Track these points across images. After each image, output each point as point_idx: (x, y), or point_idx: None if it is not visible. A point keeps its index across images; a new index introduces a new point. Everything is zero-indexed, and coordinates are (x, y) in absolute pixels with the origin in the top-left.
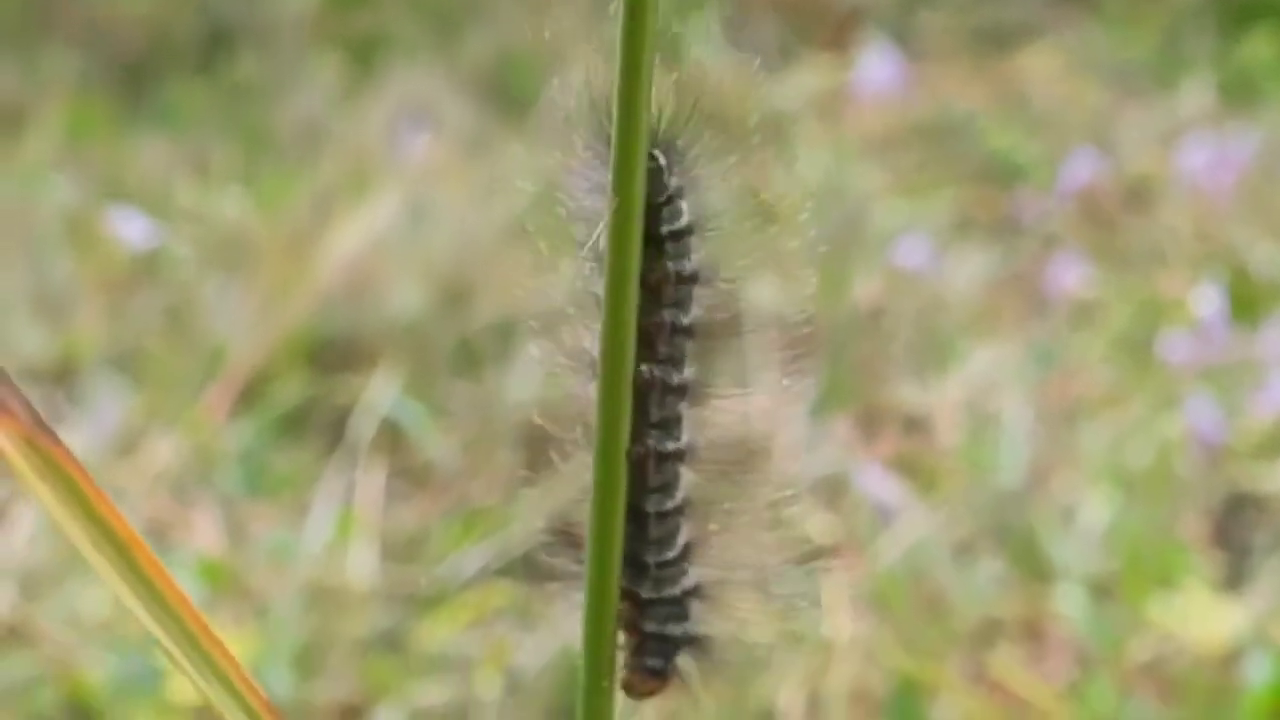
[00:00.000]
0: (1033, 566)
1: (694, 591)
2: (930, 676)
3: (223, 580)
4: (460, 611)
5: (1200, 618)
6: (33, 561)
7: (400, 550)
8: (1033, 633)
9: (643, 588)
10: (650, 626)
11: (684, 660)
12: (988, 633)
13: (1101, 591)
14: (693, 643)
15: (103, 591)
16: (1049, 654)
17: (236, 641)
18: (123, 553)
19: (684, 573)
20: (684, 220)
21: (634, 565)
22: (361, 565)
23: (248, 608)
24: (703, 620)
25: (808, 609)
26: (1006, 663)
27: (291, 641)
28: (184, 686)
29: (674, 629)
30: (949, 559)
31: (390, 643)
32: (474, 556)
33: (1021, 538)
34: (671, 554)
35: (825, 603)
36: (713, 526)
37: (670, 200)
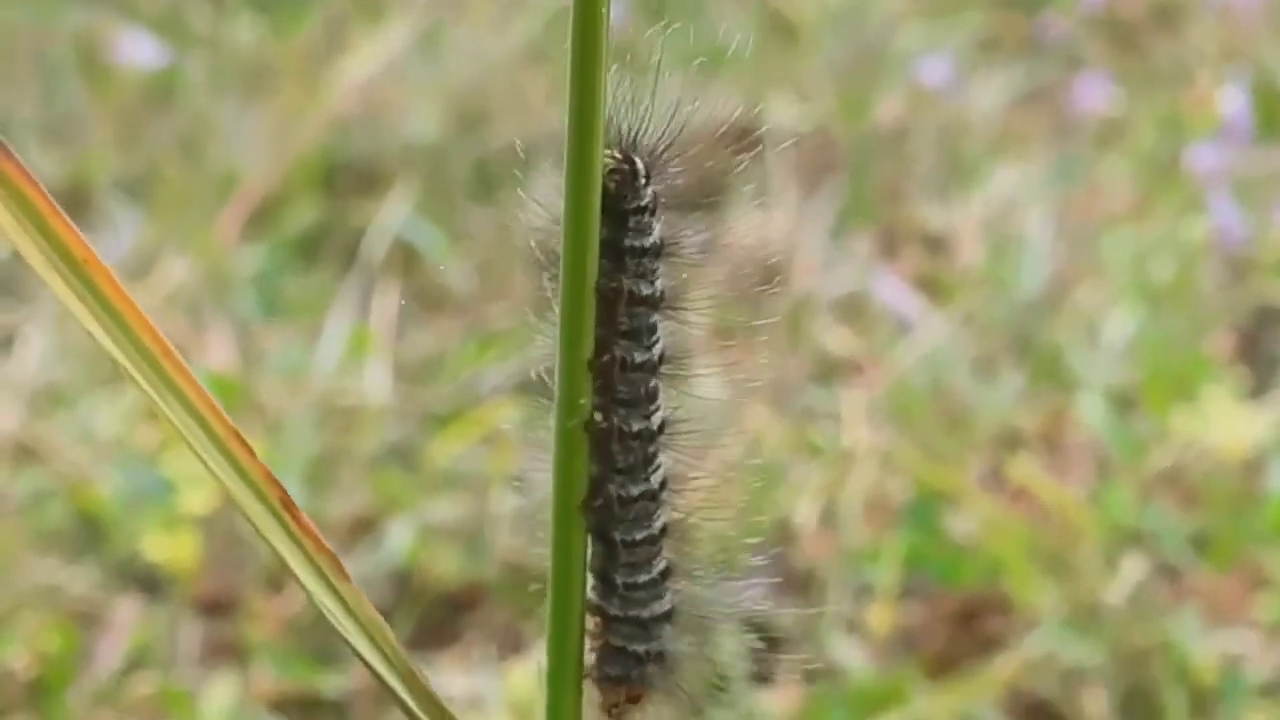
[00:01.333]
0: (1054, 379)
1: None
2: (949, 484)
3: (235, 397)
4: (472, 428)
5: (1223, 425)
6: (44, 381)
7: (414, 371)
8: (1053, 442)
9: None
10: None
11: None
12: (1007, 442)
13: (1123, 402)
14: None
15: (113, 409)
16: (1069, 462)
17: None
18: (147, 356)
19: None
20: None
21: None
22: (375, 384)
23: (260, 424)
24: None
25: (826, 422)
26: (1026, 470)
27: (304, 456)
28: (193, 499)
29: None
30: (969, 372)
31: (402, 458)
32: (488, 377)
33: (1043, 351)
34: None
35: (844, 416)
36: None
37: None
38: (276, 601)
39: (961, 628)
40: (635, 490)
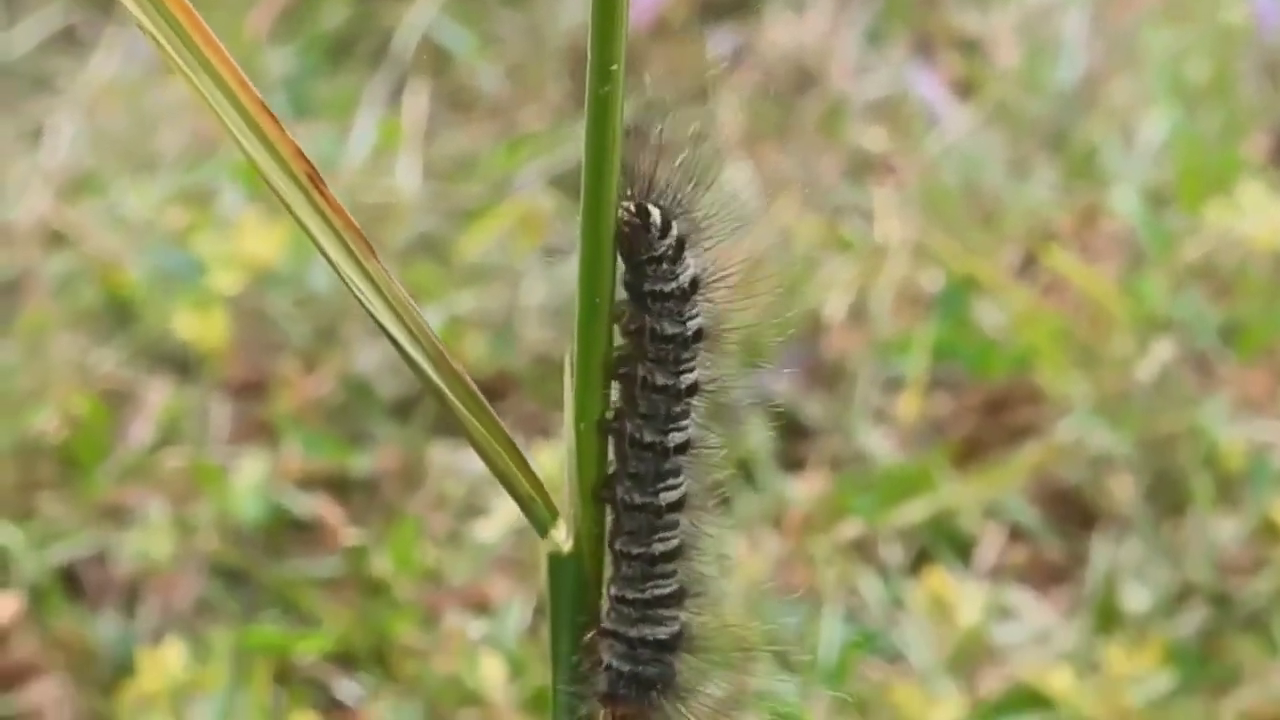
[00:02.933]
0: (1088, 177)
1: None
2: (980, 275)
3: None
4: (502, 222)
5: (1256, 217)
6: (74, 169)
7: (444, 170)
8: (1085, 236)
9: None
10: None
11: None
12: (1040, 235)
13: (1157, 198)
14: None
15: (143, 194)
16: (1102, 255)
17: (273, 240)
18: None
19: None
20: None
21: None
22: (405, 179)
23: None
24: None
25: (858, 219)
26: (1059, 258)
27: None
28: (222, 278)
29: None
30: (1003, 169)
31: (432, 251)
32: (518, 177)
33: (1077, 149)
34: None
35: (876, 211)
36: None
37: None
38: (306, 382)
39: (990, 418)
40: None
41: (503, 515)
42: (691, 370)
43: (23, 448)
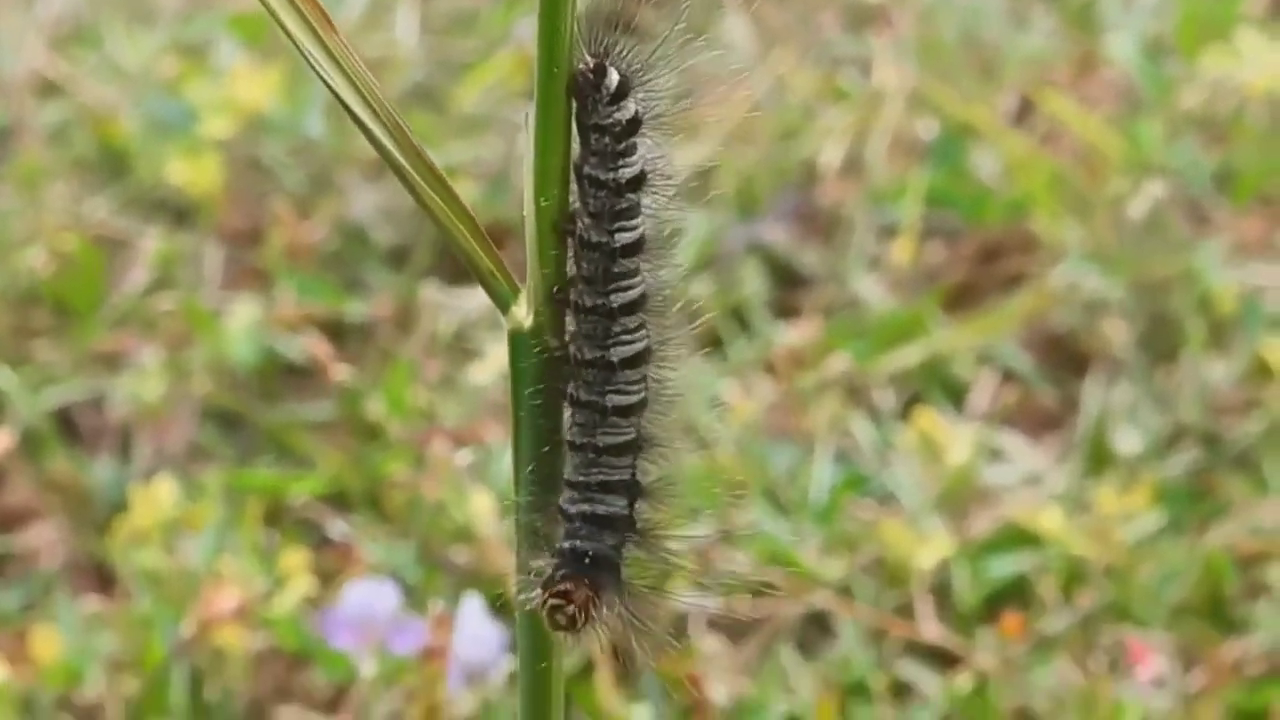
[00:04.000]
0: (1086, 25)
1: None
2: (976, 123)
3: (259, 36)
4: (498, 73)
5: (1254, 63)
6: (69, 22)
7: (442, 27)
8: (1083, 83)
9: None
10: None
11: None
12: (1036, 82)
13: (1155, 47)
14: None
15: (137, 46)
16: (1098, 101)
17: (267, 86)
18: None
19: None
20: None
21: None
22: (402, 33)
23: (279, 64)
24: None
25: (854, 69)
26: (1055, 105)
27: (326, 94)
28: (215, 124)
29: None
30: (1001, 19)
31: (428, 101)
32: (516, 28)
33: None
34: None
35: (873, 61)
36: None
37: None
38: (300, 228)
39: (984, 265)
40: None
41: (495, 359)
42: (632, 165)
43: (17, 295)
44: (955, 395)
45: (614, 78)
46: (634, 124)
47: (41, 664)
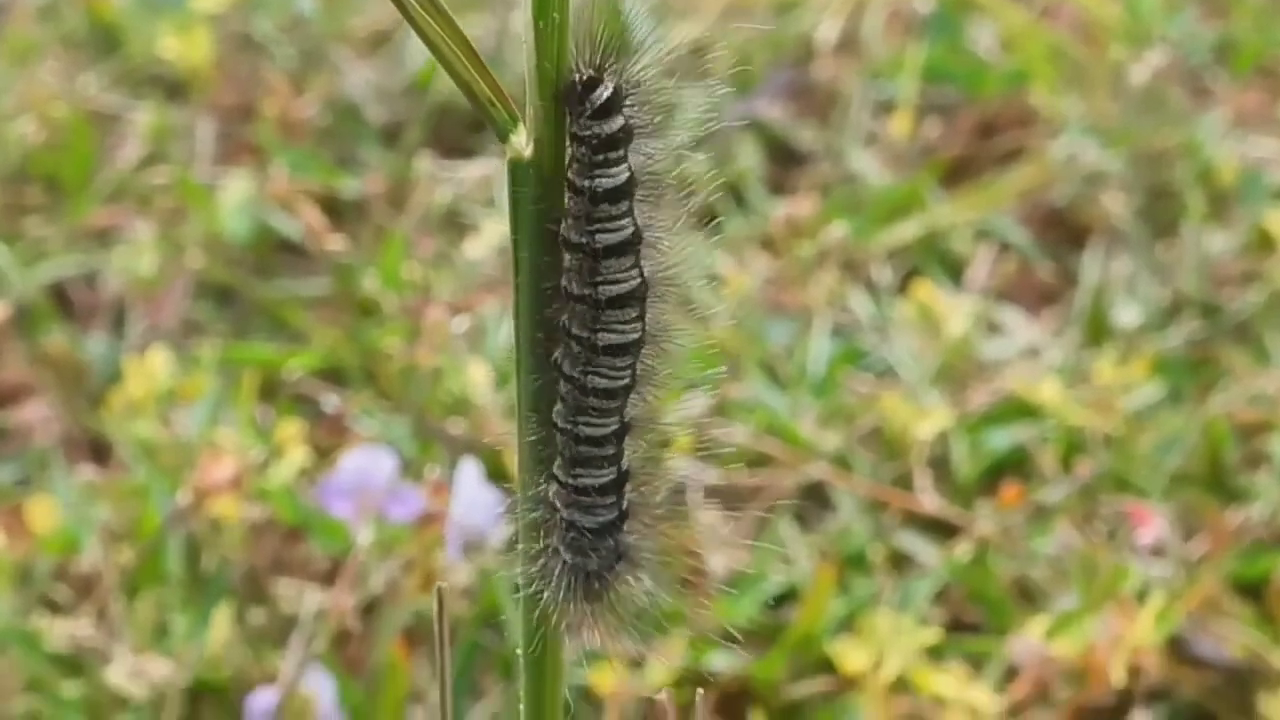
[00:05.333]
0: None
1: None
2: None
3: None
4: None
5: None
6: None
7: None
8: None
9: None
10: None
11: None
12: None
13: None
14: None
15: None
16: None
17: None
18: None
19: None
20: None
21: None
22: None
23: None
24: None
25: None
26: None
27: None
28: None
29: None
30: None
31: None
32: None
33: None
34: None
35: None
36: None
37: None
38: (293, 104)
39: (981, 140)
40: None
41: (490, 234)
42: (612, 176)
43: (9, 172)
44: (953, 270)
45: (603, 94)
46: (614, 139)
47: (38, 534)
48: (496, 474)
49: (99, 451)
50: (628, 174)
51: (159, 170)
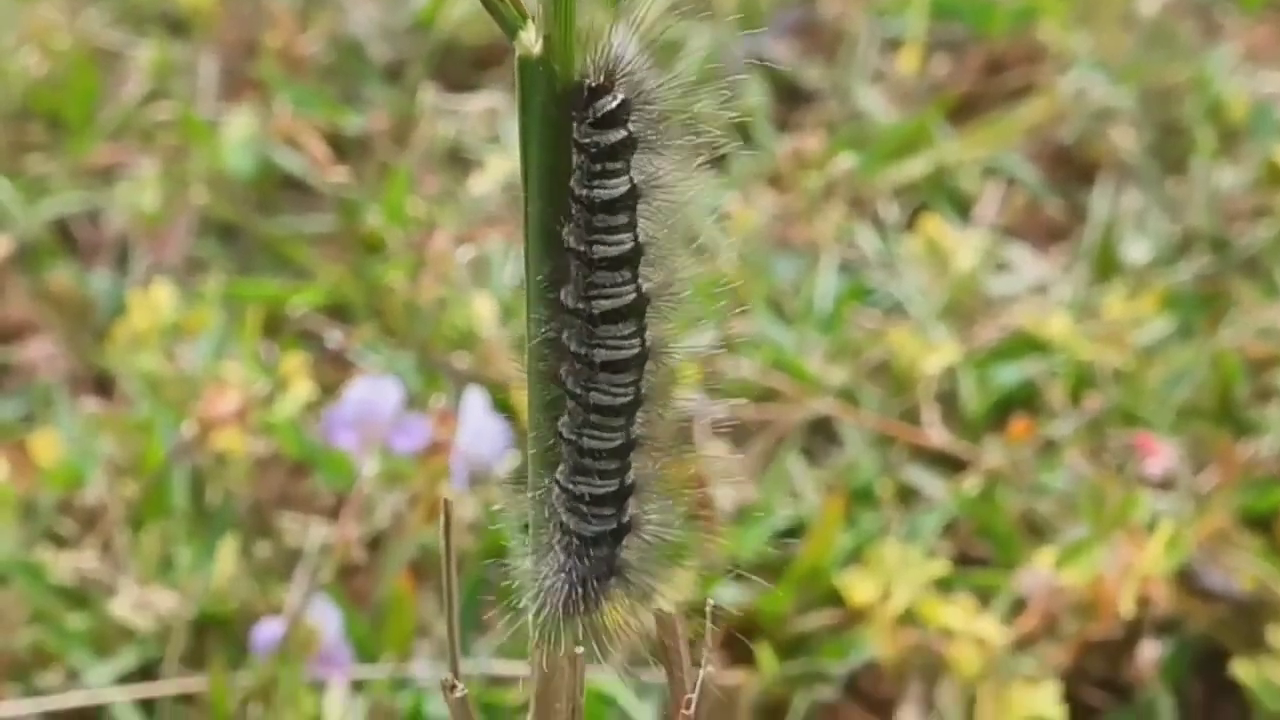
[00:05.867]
0: None
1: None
2: None
3: None
4: None
5: None
6: None
7: None
8: None
9: None
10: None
11: None
12: None
13: None
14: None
15: None
16: None
17: None
18: None
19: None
20: None
21: None
22: None
23: None
24: None
25: None
26: None
27: None
28: None
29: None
30: None
31: None
32: None
33: None
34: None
35: None
36: None
37: None
38: (297, 41)
39: (990, 77)
40: None
41: (495, 169)
42: (610, 188)
43: (11, 110)
44: (961, 208)
45: (608, 104)
46: (615, 150)
47: (42, 468)
48: (502, 405)
49: (104, 388)
50: (628, 186)
51: (162, 106)
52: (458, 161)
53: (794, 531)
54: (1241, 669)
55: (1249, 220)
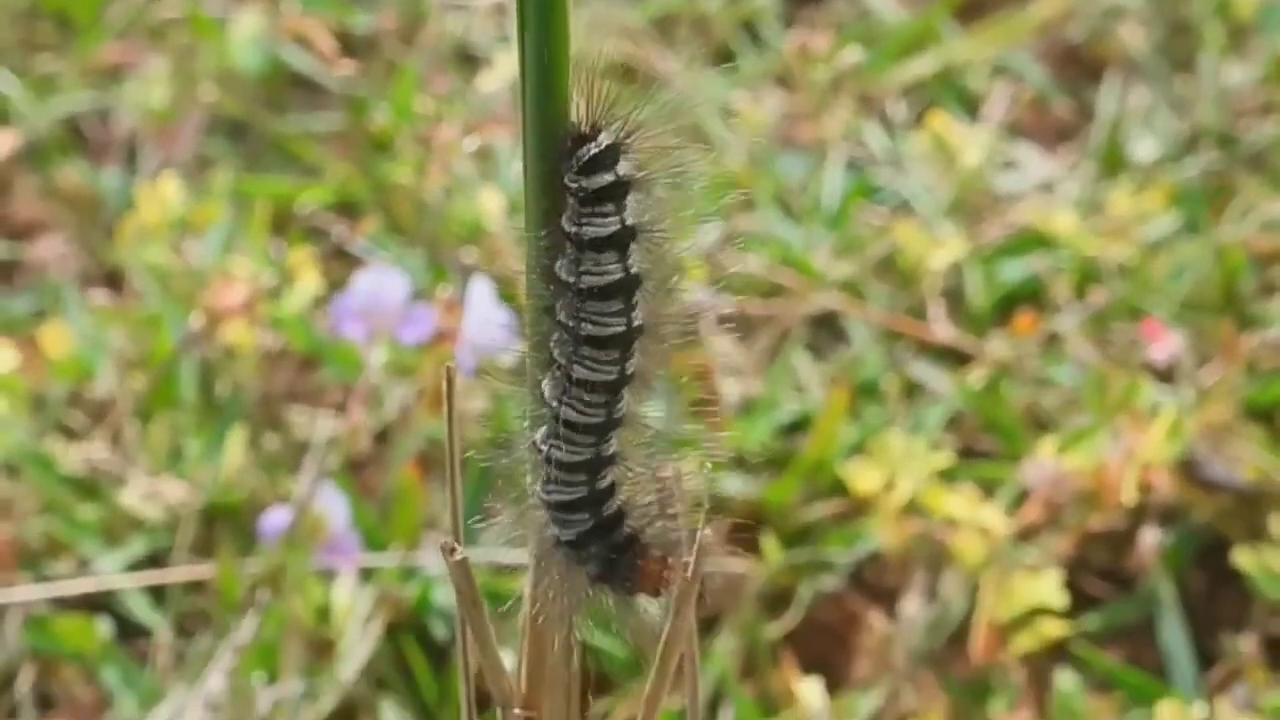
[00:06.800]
0: None
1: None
2: None
3: None
4: None
5: None
6: None
7: None
8: None
9: None
10: None
11: None
12: None
13: None
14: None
15: None
16: None
17: None
18: None
19: None
20: None
21: None
22: None
23: None
24: None
25: None
26: None
27: None
28: None
29: None
30: None
31: None
32: None
33: None
34: None
35: None
36: None
37: None
38: None
39: None
40: None
41: (503, 67)
42: (600, 226)
43: (18, 10)
44: (969, 107)
45: (589, 150)
46: (601, 194)
47: (52, 361)
48: (508, 296)
49: (114, 284)
50: (617, 226)
51: (170, 4)
52: (466, 59)
53: (799, 426)
54: (1243, 558)
55: (1257, 116)
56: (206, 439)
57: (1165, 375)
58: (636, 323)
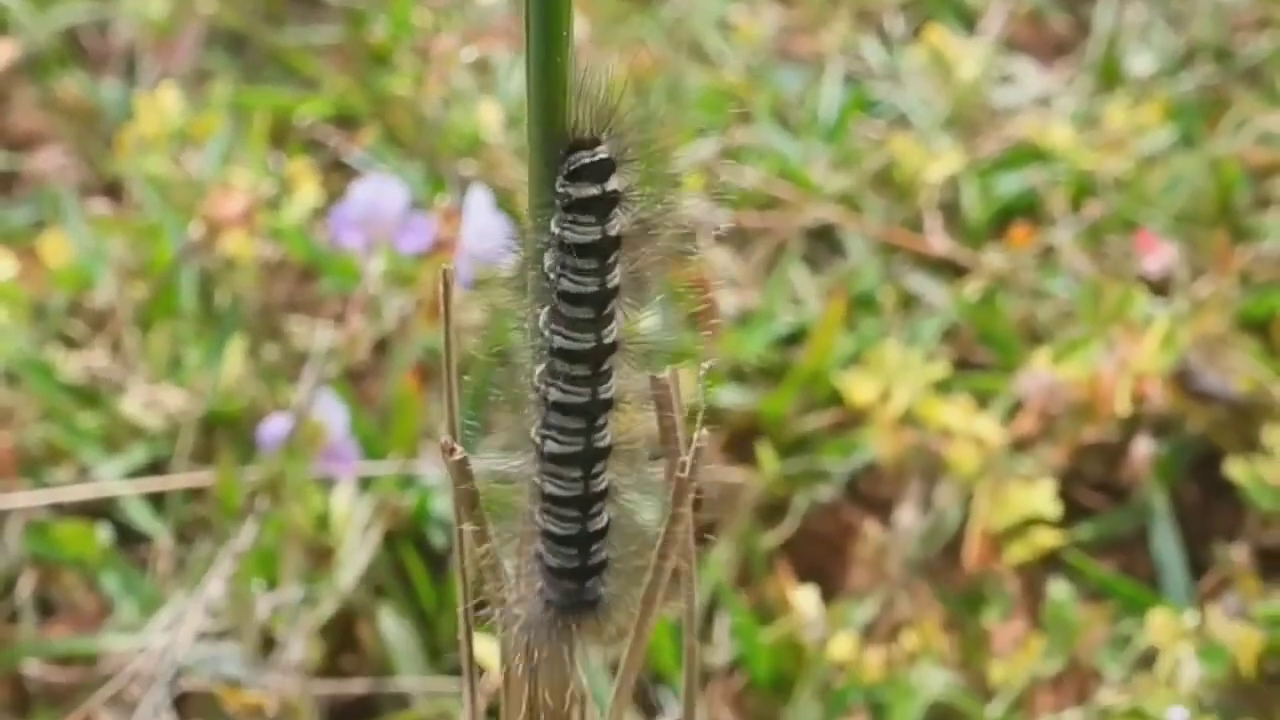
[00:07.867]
0: None
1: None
2: None
3: None
4: None
5: None
6: None
7: None
8: None
9: None
10: None
11: None
12: None
13: None
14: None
15: None
16: None
17: None
18: None
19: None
20: None
21: None
22: None
23: None
24: None
25: None
26: None
27: None
28: None
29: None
30: None
31: None
32: None
33: None
34: None
35: None
36: None
37: None
38: None
39: None
40: None
41: None
42: (582, 233)
43: None
44: (966, 21)
45: (579, 159)
46: (585, 204)
47: (52, 270)
48: (506, 206)
49: (113, 195)
50: (598, 235)
51: None
52: None
53: (796, 337)
54: (1236, 468)
55: (1252, 31)
56: (206, 348)
57: (1159, 287)
58: (608, 341)
